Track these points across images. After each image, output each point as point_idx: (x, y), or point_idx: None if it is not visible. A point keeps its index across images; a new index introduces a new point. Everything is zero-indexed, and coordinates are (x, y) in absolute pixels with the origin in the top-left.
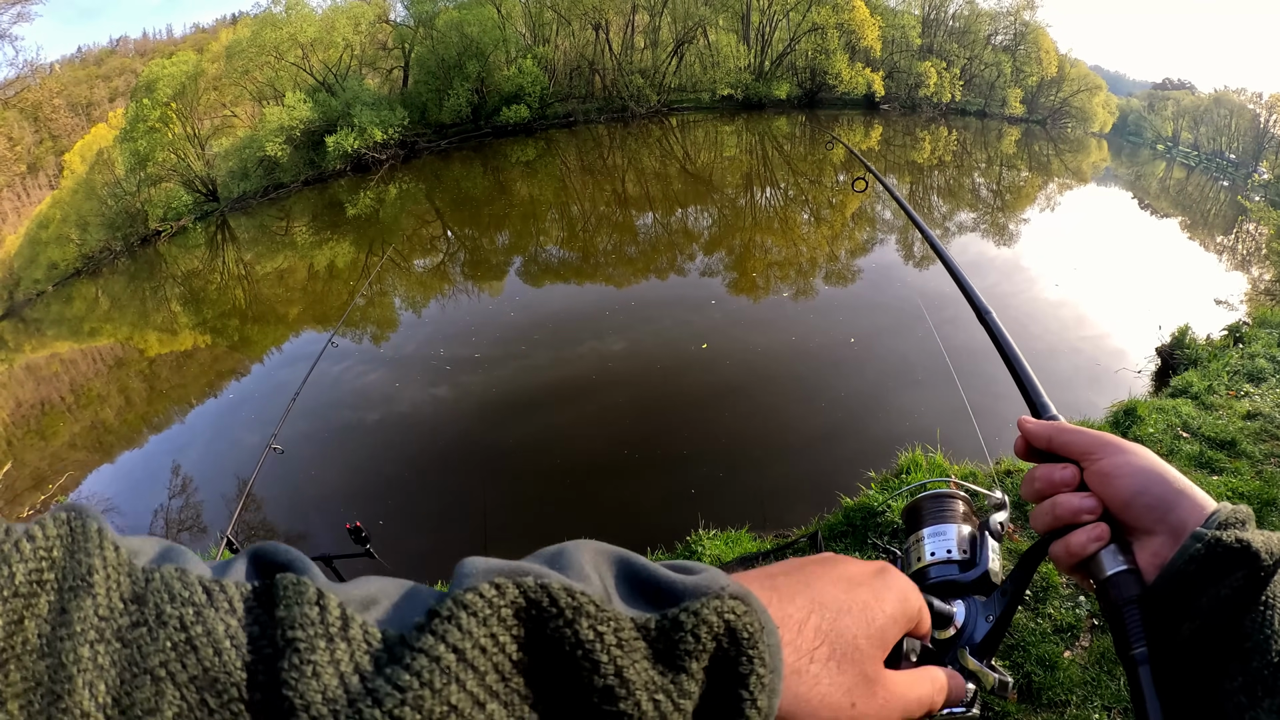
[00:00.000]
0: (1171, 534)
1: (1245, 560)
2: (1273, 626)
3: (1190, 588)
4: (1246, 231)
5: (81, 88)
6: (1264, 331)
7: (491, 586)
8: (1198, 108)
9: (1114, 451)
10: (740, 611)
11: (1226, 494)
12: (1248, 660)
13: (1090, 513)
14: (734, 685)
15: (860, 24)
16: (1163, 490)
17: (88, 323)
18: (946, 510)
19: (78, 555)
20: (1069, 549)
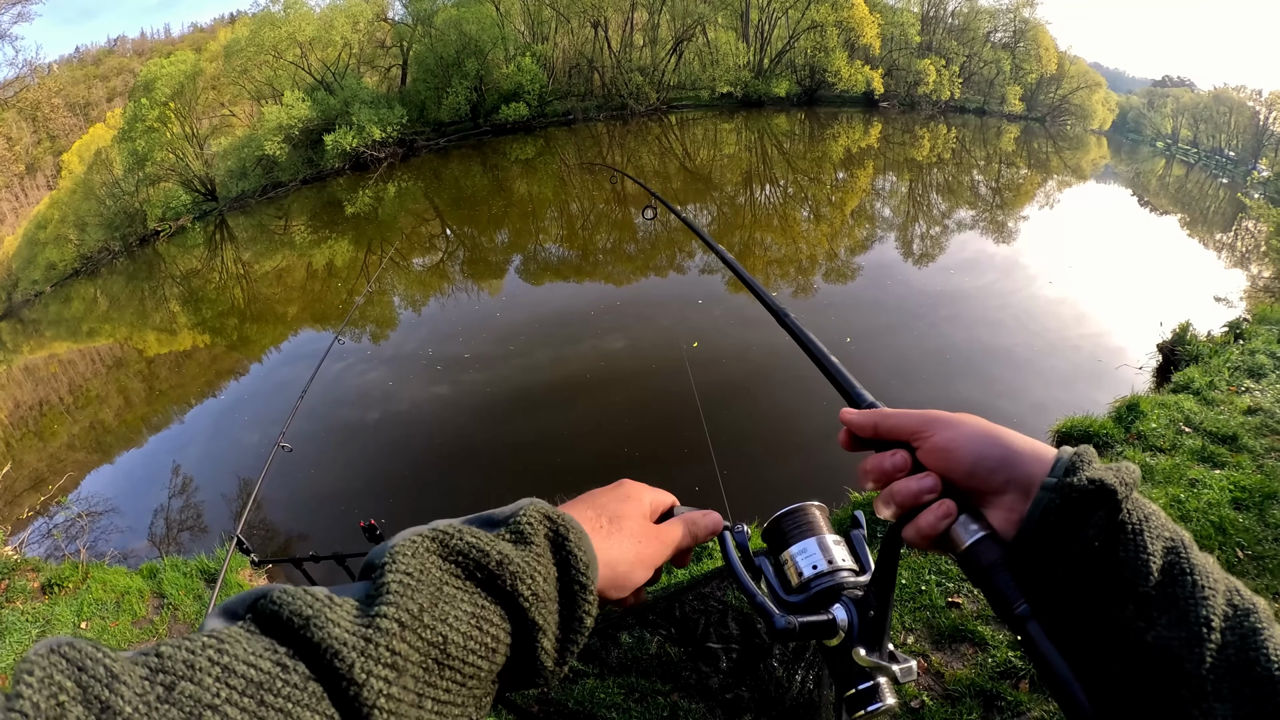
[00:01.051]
0: (1021, 490)
1: (1102, 497)
2: (1145, 549)
3: (1054, 536)
4: (1246, 229)
5: (79, 87)
6: (1264, 328)
7: (408, 540)
8: (1197, 105)
9: (942, 426)
10: (545, 508)
11: (1229, 487)
12: (1133, 586)
13: (930, 491)
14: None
15: (859, 21)
16: (1001, 451)
17: (86, 323)
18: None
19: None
20: (920, 530)
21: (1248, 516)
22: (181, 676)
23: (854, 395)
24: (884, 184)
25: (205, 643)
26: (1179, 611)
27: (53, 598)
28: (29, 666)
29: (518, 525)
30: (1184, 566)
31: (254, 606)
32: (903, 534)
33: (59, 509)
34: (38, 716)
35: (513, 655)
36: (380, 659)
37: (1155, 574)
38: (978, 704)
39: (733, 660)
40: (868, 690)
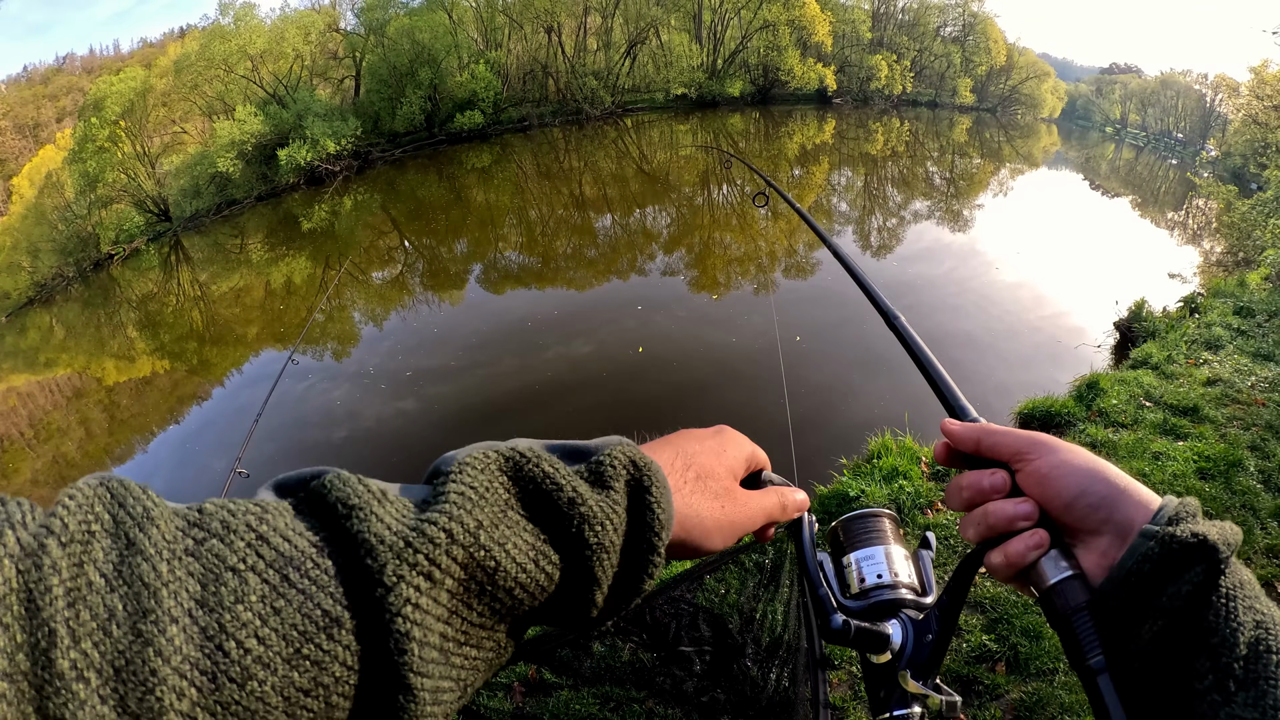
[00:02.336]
0: (1118, 533)
1: (1203, 554)
2: (1237, 618)
3: (1145, 588)
4: (1196, 207)
5: (28, 108)
6: (1218, 301)
7: (480, 453)
8: (1145, 90)
9: (1048, 451)
10: (634, 451)
11: (1193, 458)
12: (1216, 656)
13: (1026, 519)
14: (643, 495)
15: (811, 20)
16: (1105, 489)
17: (43, 353)
18: (871, 532)
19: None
20: (1007, 559)
21: (1214, 486)
22: (214, 534)
23: (958, 407)
24: (840, 179)
25: (248, 509)
26: (1258, 692)
27: None
28: (73, 492)
29: (599, 465)
30: (1271, 644)
31: (307, 485)
32: (986, 559)
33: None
34: (65, 537)
35: (558, 598)
36: (417, 565)
37: (1242, 647)
38: (955, 688)
39: (706, 663)
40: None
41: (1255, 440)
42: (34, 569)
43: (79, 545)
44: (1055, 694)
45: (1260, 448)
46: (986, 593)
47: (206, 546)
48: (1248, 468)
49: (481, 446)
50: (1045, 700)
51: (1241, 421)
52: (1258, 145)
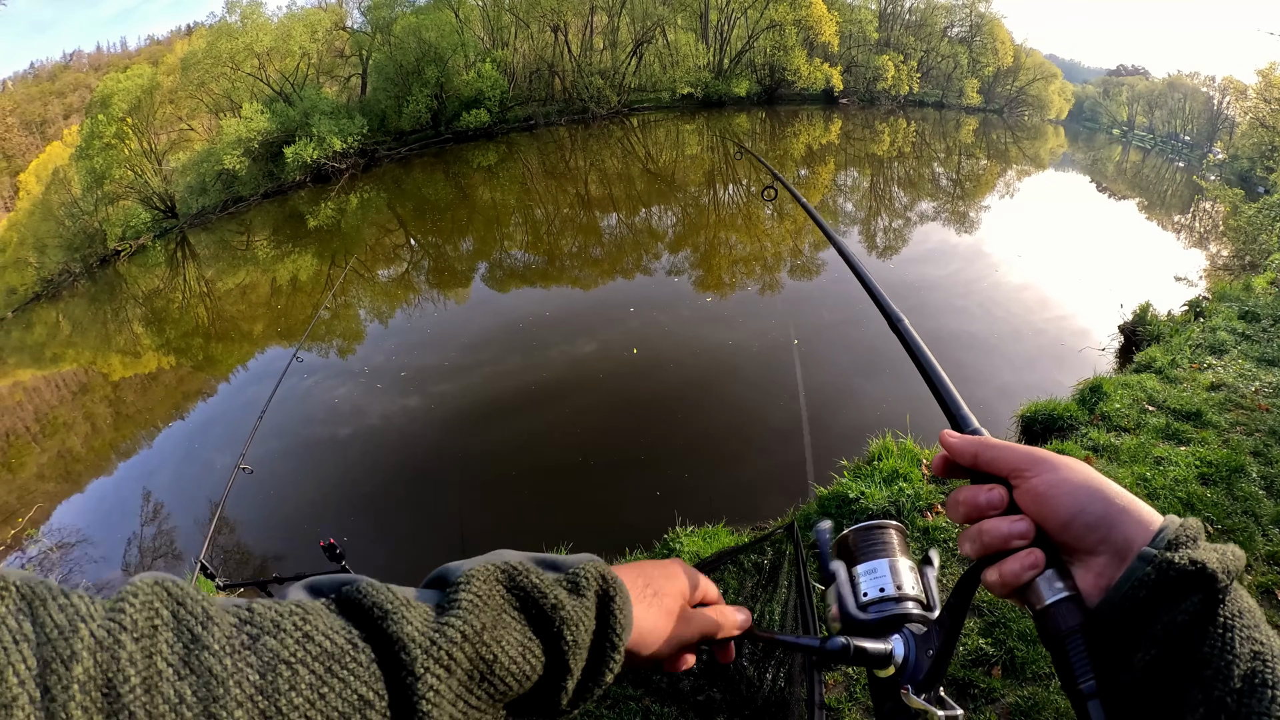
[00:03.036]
0: (1116, 555)
1: (1201, 582)
2: (1233, 649)
3: (1141, 614)
4: (1203, 210)
5: (35, 105)
6: (1224, 305)
7: (482, 567)
8: (1152, 92)
9: (1047, 468)
10: (603, 567)
11: (1195, 463)
12: (1209, 688)
13: (1022, 537)
14: (609, 604)
15: (817, 20)
16: (1104, 508)
17: (49, 348)
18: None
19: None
20: (1002, 578)
21: (1215, 491)
22: (267, 631)
23: (959, 417)
24: (846, 179)
25: (292, 609)
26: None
27: None
28: (134, 589)
29: (575, 576)
30: (1268, 678)
31: (340, 591)
32: (983, 575)
33: (30, 542)
34: (134, 630)
35: (537, 688)
36: (439, 659)
37: (1236, 680)
38: (951, 693)
39: (703, 662)
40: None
41: (1258, 446)
42: (111, 660)
43: (147, 639)
44: (1050, 699)
45: (1263, 453)
46: (983, 597)
47: (261, 643)
48: (1250, 473)
49: (480, 561)
50: (1041, 705)
51: (1245, 427)
52: (1265, 148)
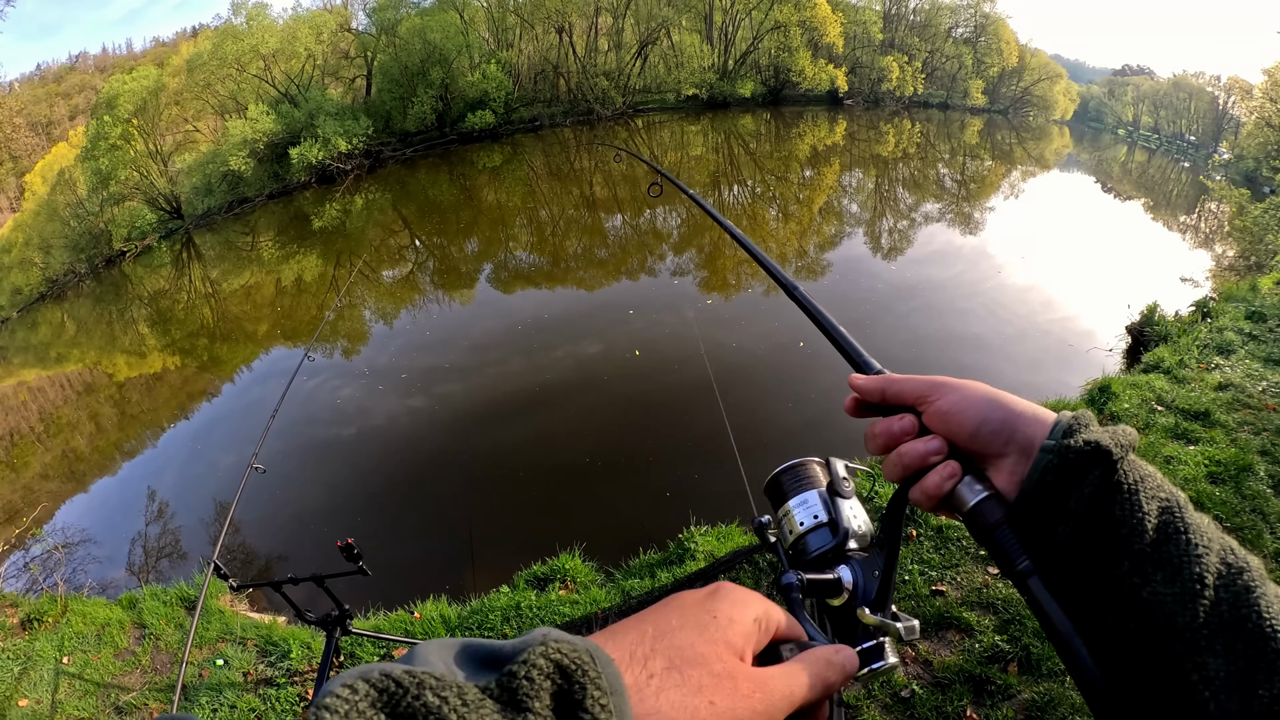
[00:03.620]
0: (1022, 452)
1: (1098, 458)
2: (1141, 508)
3: (1053, 495)
4: (1209, 210)
5: (41, 106)
6: (1230, 306)
7: (344, 688)
8: (1157, 92)
9: (948, 390)
10: (566, 650)
11: (1204, 463)
12: (1129, 544)
13: (937, 453)
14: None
15: (822, 21)
16: (1004, 414)
17: (54, 348)
18: (804, 478)
19: None
20: (926, 491)
21: (1224, 490)
22: None
23: (861, 362)
24: (851, 180)
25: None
26: (1173, 568)
27: (32, 633)
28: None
29: (511, 679)
30: (1178, 525)
31: None
32: (909, 495)
33: (34, 541)
34: None
35: None
36: None
37: (1150, 532)
38: (968, 689)
39: None
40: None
41: (1266, 445)
42: None
43: None
44: (1067, 694)
45: (1271, 452)
46: (999, 594)
47: None
48: (1258, 472)
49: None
50: (1057, 700)
51: (1252, 426)
52: (1271, 148)
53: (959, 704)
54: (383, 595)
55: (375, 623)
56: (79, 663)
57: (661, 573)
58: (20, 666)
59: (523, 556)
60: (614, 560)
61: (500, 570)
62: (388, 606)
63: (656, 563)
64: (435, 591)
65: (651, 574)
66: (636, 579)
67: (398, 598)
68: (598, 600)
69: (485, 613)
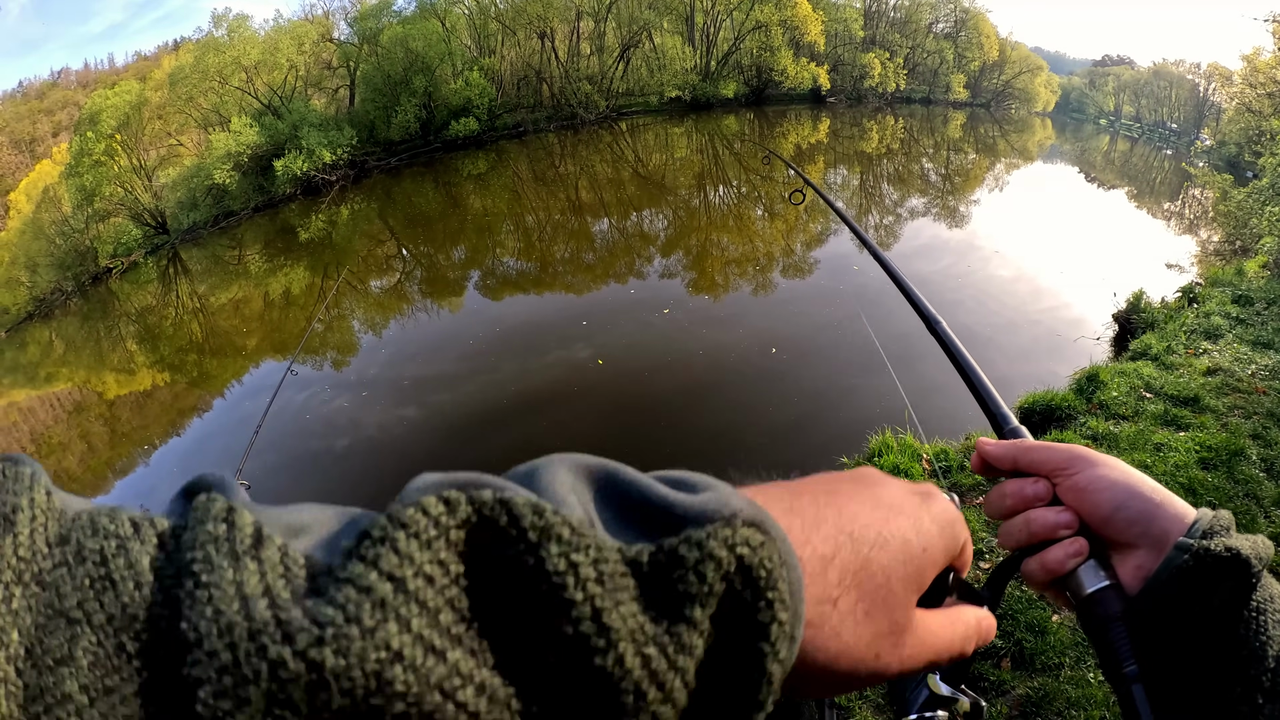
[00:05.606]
0: (1154, 546)
1: (1235, 568)
2: (1267, 631)
3: (1179, 600)
4: (1192, 196)
5: (24, 123)
6: (1217, 290)
7: (439, 501)
8: (1138, 81)
9: (1088, 465)
10: (756, 543)
11: (1195, 448)
12: (1245, 669)
13: (1068, 527)
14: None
15: (803, 20)
16: (1142, 504)
17: (43, 368)
18: None
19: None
20: (1045, 566)
21: (1216, 475)
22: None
23: (998, 416)
24: (836, 178)
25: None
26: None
27: None
28: None
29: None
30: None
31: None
32: (1024, 565)
33: None
34: None
35: None
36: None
37: (1271, 660)
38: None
39: None
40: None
41: (1257, 429)
42: None
43: None
44: (1061, 689)
45: (1262, 436)
46: None
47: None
48: (1250, 456)
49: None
50: (1051, 695)
51: (1243, 410)
52: (1252, 133)
53: None
54: None
55: None
56: None
57: None
58: None
59: None
60: None
61: None
62: None
63: None
64: None
65: None
66: None
67: None
68: None
69: None
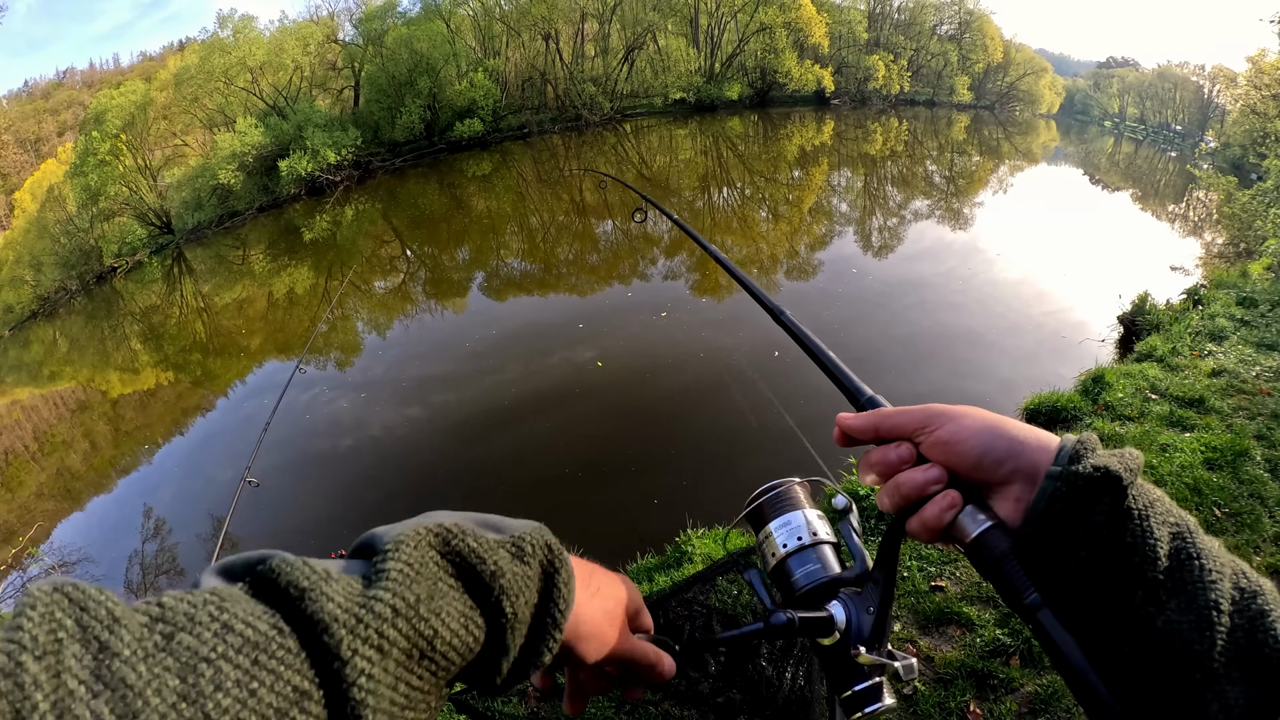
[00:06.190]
0: (1027, 479)
1: (1107, 484)
2: (1153, 534)
3: (1061, 524)
4: (1197, 199)
5: (29, 122)
6: (1221, 292)
7: (411, 530)
8: (1142, 83)
9: (946, 419)
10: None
11: (1200, 449)
12: (1142, 572)
13: (936, 482)
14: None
15: (807, 22)
16: (1006, 443)
17: (47, 366)
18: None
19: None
20: (925, 523)
21: (1221, 475)
22: (181, 628)
23: (854, 391)
24: (840, 180)
25: (206, 599)
26: (1187, 595)
27: None
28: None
29: (520, 541)
30: (1191, 551)
31: (254, 570)
32: (907, 526)
33: (31, 561)
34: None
35: (475, 662)
36: (369, 639)
37: (1163, 559)
38: (970, 684)
39: (721, 663)
40: (866, 690)
41: (1261, 429)
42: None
43: (52, 656)
44: None
45: (1266, 436)
46: (995, 590)
47: (176, 641)
48: (1254, 457)
49: (410, 524)
50: (1060, 692)
51: (1247, 411)
52: (1256, 135)
53: (962, 699)
54: None
55: None
56: None
57: (660, 576)
58: None
59: None
60: (612, 565)
61: None
62: None
63: (654, 566)
64: None
65: (649, 578)
66: (635, 583)
67: None
68: None
69: None
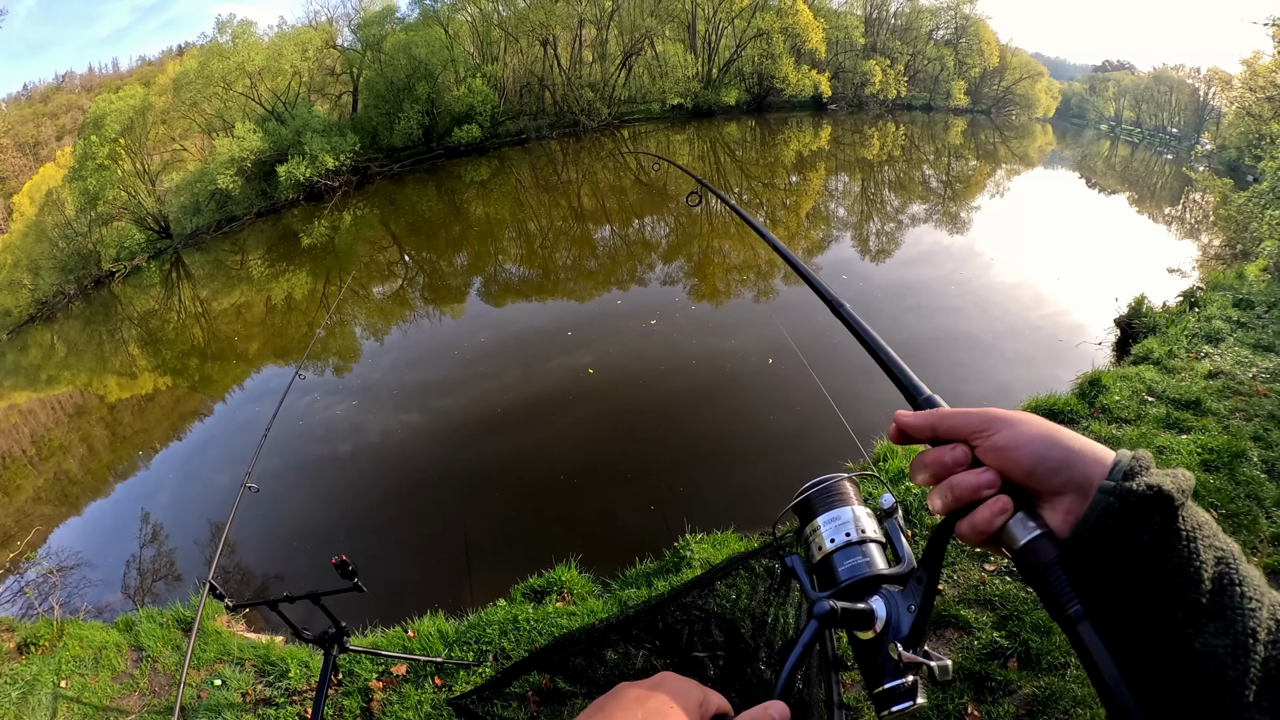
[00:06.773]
0: (1080, 491)
1: (1159, 503)
2: (1199, 556)
3: (1110, 539)
4: (1193, 201)
5: (28, 126)
6: (1218, 294)
7: None
8: (1138, 86)
9: (1005, 425)
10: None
11: (1197, 451)
12: (1184, 593)
13: (990, 487)
14: None
15: (804, 27)
16: (1062, 453)
17: (45, 370)
18: (836, 494)
19: None
20: (975, 526)
21: (1219, 477)
22: None
23: (911, 389)
24: (837, 185)
25: None
26: (1226, 620)
27: (29, 657)
28: None
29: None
30: (1234, 577)
31: None
32: (956, 528)
33: (29, 565)
34: None
35: None
36: None
37: (1206, 582)
38: (968, 686)
39: (720, 667)
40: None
41: (1258, 431)
42: None
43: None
44: (1067, 688)
45: (1263, 438)
46: (996, 590)
47: None
48: (1251, 458)
49: None
50: (1058, 694)
51: (1244, 413)
52: (1252, 137)
53: (960, 701)
54: (380, 611)
55: (373, 639)
56: (77, 686)
57: (658, 581)
58: (18, 691)
59: (519, 569)
60: (610, 570)
61: (496, 584)
62: (385, 623)
63: (653, 571)
64: (432, 606)
65: (648, 583)
66: (633, 589)
67: (395, 613)
68: (595, 611)
69: (483, 627)
